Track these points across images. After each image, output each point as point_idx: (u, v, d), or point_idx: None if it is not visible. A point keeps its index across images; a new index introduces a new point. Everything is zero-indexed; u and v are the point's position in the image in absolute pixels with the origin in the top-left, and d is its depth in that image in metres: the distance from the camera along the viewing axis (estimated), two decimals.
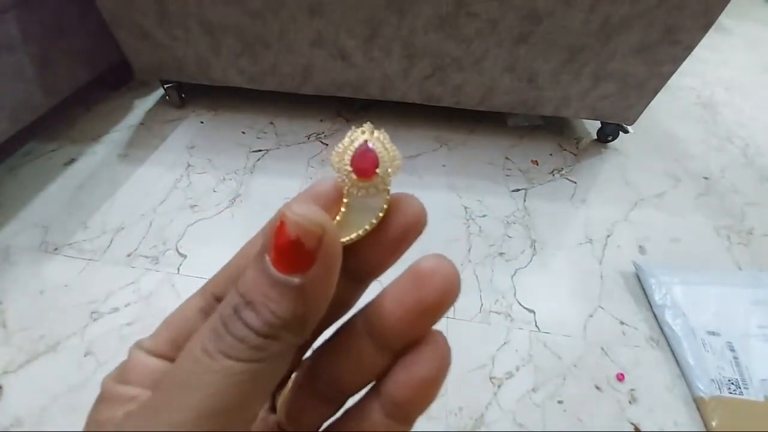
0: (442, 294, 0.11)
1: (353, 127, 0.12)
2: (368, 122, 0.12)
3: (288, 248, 0.09)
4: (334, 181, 0.12)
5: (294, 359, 0.12)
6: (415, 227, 0.12)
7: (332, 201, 0.12)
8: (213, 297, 0.14)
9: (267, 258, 0.10)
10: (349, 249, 0.12)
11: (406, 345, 0.12)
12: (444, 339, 0.12)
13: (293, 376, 0.14)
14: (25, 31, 0.79)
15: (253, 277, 0.10)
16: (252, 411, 0.11)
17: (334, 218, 0.12)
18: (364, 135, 0.12)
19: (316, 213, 0.10)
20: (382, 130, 0.12)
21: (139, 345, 0.13)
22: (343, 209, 0.12)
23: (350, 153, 0.11)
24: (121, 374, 0.13)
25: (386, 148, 0.11)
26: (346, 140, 0.12)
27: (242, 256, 0.14)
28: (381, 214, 0.11)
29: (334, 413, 0.13)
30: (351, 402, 0.13)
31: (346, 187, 0.12)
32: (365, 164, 0.11)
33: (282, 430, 0.14)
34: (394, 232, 0.12)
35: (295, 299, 0.10)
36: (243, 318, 0.10)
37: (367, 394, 0.13)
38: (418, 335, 0.11)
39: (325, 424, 0.14)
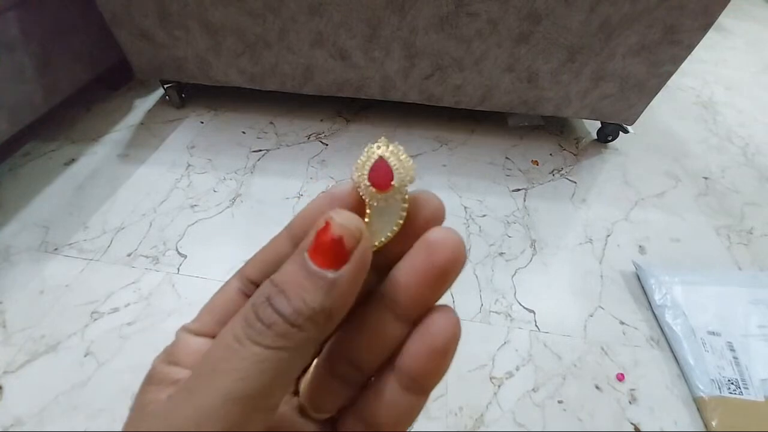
0: (451, 260, 0.12)
1: (369, 144, 0.13)
2: (383, 137, 0.13)
3: (329, 245, 0.11)
4: (351, 186, 0.13)
5: (317, 348, 0.12)
6: (435, 222, 0.13)
7: (350, 204, 0.13)
8: (249, 281, 0.14)
9: (306, 254, 0.11)
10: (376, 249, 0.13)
11: (421, 314, 0.12)
12: (452, 310, 0.12)
13: (315, 361, 0.15)
14: (25, 31, 0.79)
15: (290, 270, 0.11)
16: (277, 397, 0.11)
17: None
18: (380, 150, 0.12)
19: (357, 220, 0.11)
20: (396, 143, 0.13)
21: (184, 328, 0.14)
22: (366, 218, 0.13)
23: (368, 167, 0.12)
24: (170, 355, 0.13)
25: (401, 160, 0.12)
26: (364, 156, 0.13)
27: (274, 245, 0.14)
28: (401, 221, 0.13)
29: (354, 394, 0.14)
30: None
31: (367, 199, 0.13)
32: (382, 178, 0.12)
33: (304, 413, 0.14)
34: (415, 229, 0.13)
35: (327, 291, 0.11)
36: (274, 305, 0.11)
37: (383, 372, 0.13)
38: (431, 301, 0.12)
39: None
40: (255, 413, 0.10)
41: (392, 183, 0.12)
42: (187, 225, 0.81)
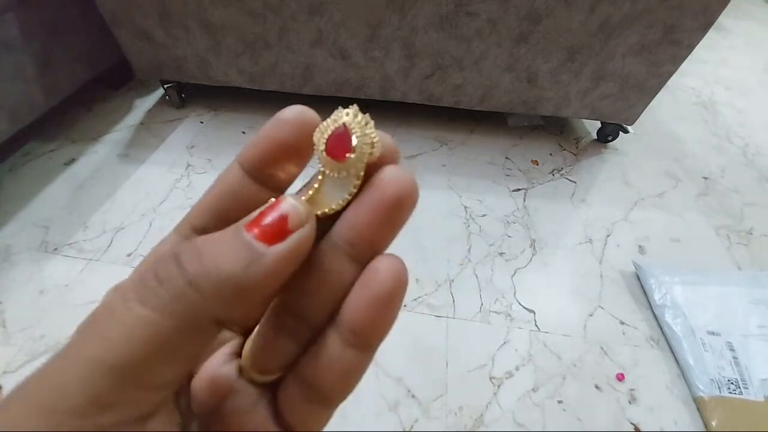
0: (403, 194, 0.11)
1: (340, 107, 0.12)
2: (355, 104, 0.12)
3: (272, 221, 0.10)
4: (301, 109, 0.12)
5: (215, 331, 0.10)
6: (389, 162, 0.12)
7: (296, 130, 0.12)
8: (191, 229, 0.13)
9: (242, 224, 0.10)
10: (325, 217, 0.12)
11: (373, 255, 0.12)
12: (398, 258, 0.11)
13: (261, 320, 0.13)
14: (25, 31, 0.79)
15: (218, 235, 0.10)
16: (165, 374, 0.10)
17: (311, 189, 0.12)
18: (347, 117, 0.11)
19: (309, 209, 0.11)
20: (368, 114, 0.12)
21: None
22: (316, 184, 0.12)
23: (329, 132, 0.11)
24: None
25: (365, 133, 0.11)
26: (330, 119, 0.12)
27: (221, 186, 0.13)
28: (353, 191, 0.11)
29: (300, 352, 0.12)
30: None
31: (321, 165, 0.12)
32: (338, 148, 0.11)
33: (246, 377, 0.13)
34: (370, 206, 0.11)
35: (248, 263, 0.09)
36: (180, 262, 0.10)
37: (326, 328, 0.12)
38: (382, 241, 0.12)
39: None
40: (132, 389, 0.09)
41: (348, 155, 0.11)
42: None
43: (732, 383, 0.61)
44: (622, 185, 0.97)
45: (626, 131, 1.02)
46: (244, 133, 1.05)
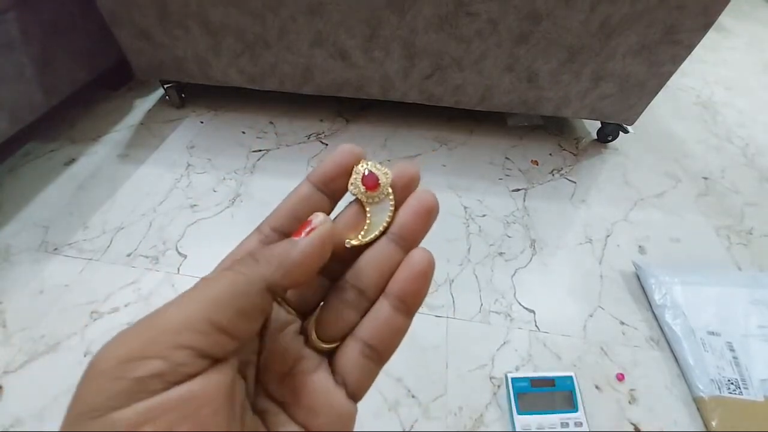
0: (432, 203, 0.17)
1: (355, 166, 0.18)
2: (365, 160, 0.18)
3: (303, 227, 0.15)
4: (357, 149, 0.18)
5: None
6: (413, 184, 0.18)
7: (356, 158, 0.18)
8: (271, 229, 0.18)
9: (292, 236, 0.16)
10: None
11: (413, 246, 0.17)
12: (428, 250, 0.17)
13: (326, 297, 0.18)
14: (25, 31, 0.79)
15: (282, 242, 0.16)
16: (235, 324, 0.13)
17: (364, 225, 0.17)
18: (364, 167, 0.17)
19: (329, 219, 0.16)
20: (373, 161, 0.18)
21: None
22: (368, 215, 0.18)
23: (360, 178, 0.17)
24: None
25: (378, 169, 0.18)
26: (354, 174, 0.17)
27: (296, 197, 0.18)
28: (391, 213, 0.17)
29: (358, 321, 0.17)
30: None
31: (364, 200, 0.18)
32: (371, 182, 0.17)
33: (311, 346, 0.17)
34: (411, 213, 0.17)
35: (291, 247, 0.15)
36: (253, 253, 0.15)
37: (378, 300, 0.17)
38: (421, 233, 0.17)
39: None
40: (218, 333, 0.12)
41: (379, 183, 0.17)
42: (186, 225, 0.81)
43: (732, 383, 0.61)
44: (622, 185, 0.97)
45: (626, 131, 1.02)
46: (243, 133, 1.05)
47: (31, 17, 0.80)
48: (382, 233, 0.17)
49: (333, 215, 0.18)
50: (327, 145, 1.03)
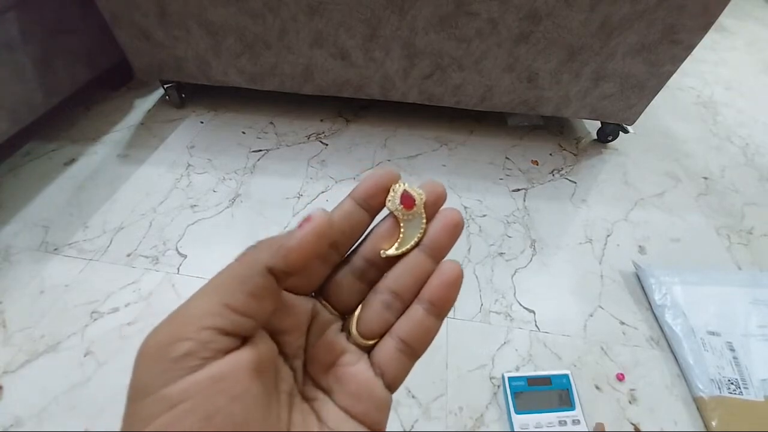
0: (459, 219, 0.19)
1: (393, 185, 0.19)
2: (401, 180, 0.20)
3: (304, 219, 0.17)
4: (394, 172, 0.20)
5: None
6: (441, 201, 0.20)
7: (392, 179, 0.20)
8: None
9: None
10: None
11: (442, 256, 0.19)
12: (457, 262, 0.19)
13: (366, 299, 0.20)
14: (25, 31, 0.79)
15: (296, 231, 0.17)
16: (247, 303, 0.15)
17: (398, 238, 0.19)
18: (402, 186, 0.19)
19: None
20: (407, 183, 0.19)
21: None
22: (402, 230, 0.19)
23: (398, 197, 0.19)
24: None
25: (414, 189, 0.19)
26: (392, 192, 0.19)
27: (339, 212, 0.19)
28: (423, 228, 0.19)
29: (394, 321, 0.19)
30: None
31: (400, 216, 0.19)
32: (409, 201, 0.19)
33: (352, 342, 0.19)
34: (440, 227, 0.19)
35: (291, 234, 0.16)
36: (256, 243, 0.17)
37: (412, 304, 0.19)
38: (449, 246, 0.19)
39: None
40: (230, 312, 0.15)
41: (415, 202, 0.19)
42: (186, 225, 0.81)
43: (732, 383, 0.61)
44: (622, 185, 0.97)
45: (626, 131, 1.02)
46: (244, 133, 1.05)
47: (31, 17, 0.80)
48: (415, 245, 0.19)
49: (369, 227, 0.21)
50: (327, 145, 1.03)
